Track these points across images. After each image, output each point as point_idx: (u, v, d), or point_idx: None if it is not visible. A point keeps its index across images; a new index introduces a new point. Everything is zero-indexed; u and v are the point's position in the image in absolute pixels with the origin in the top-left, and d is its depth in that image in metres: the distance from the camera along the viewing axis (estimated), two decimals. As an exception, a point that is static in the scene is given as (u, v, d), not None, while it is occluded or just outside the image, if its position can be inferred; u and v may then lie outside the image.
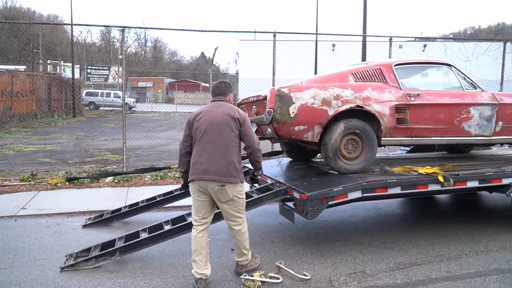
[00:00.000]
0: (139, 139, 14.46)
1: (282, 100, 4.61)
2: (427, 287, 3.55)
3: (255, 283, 3.53)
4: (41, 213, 6.08)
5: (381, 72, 5.14)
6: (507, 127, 5.50)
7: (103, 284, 3.65)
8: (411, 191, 4.59)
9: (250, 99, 5.52)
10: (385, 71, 5.15)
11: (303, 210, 4.23)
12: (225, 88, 3.76)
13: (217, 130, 3.49)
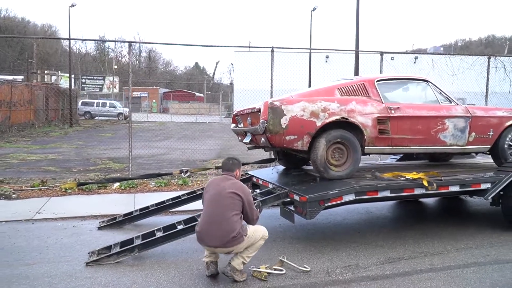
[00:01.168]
0: (138, 149, 14.85)
1: (274, 112, 5.06)
2: (412, 277, 4.05)
3: (262, 273, 4.01)
4: (56, 217, 6.50)
5: (364, 87, 5.64)
6: (480, 137, 6.01)
7: (126, 276, 4.10)
8: (399, 194, 5.12)
9: (246, 111, 5.98)
10: (368, 86, 5.65)
11: (302, 211, 4.74)
12: (233, 164, 4.22)
13: (220, 202, 3.88)
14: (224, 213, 3.82)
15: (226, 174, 4.14)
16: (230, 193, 3.88)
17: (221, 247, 3.83)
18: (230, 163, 4.21)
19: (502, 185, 5.41)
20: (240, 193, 3.92)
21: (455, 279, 4.02)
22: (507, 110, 6.31)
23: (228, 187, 3.93)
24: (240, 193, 3.92)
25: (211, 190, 4.01)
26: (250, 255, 3.98)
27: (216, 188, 3.98)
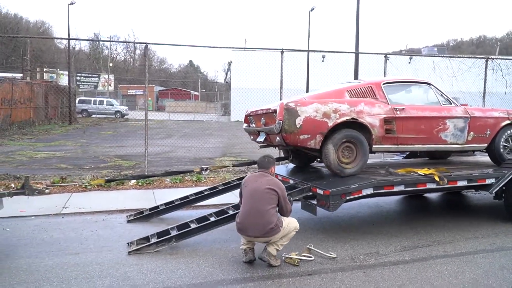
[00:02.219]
0: (142, 147, 15.21)
1: (289, 113, 5.42)
2: (429, 262, 4.49)
3: (293, 259, 4.43)
4: (83, 211, 6.84)
5: (372, 90, 6.03)
6: (478, 137, 6.43)
7: (169, 262, 4.49)
8: (412, 188, 5.56)
9: (259, 112, 6.34)
10: (375, 89, 6.04)
11: (325, 204, 5.15)
12: (268, 162, 4.61)
13: (258, 197, 4.27)
14: (262, 207, 4.22)
15: (262, 171, 4.53)
16: (268, 189, 4.27)
17: (260, 237, 4.23)
18: (266, 161, 4.59)
19: (505, 180, 5.87)
20: (276, 189, 4.31)
21: (467, 263, 4.47)
22: (503, 111, 6.74)
23: (266, 183, 4.32)
24: (276, 189, 4.32)
25: (249, 185, 4.39)
26: (284, 243, 4.39)
27: (254, 184, 4.36)
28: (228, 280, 4.03)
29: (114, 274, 4.17)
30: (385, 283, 3.94)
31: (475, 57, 11.72)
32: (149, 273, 4.18)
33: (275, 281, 4.00)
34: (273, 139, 5.89)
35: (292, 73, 26.86)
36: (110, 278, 4.07)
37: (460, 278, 4.09)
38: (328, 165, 5.64)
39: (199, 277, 4.10)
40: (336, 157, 5.58)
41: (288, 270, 4.26)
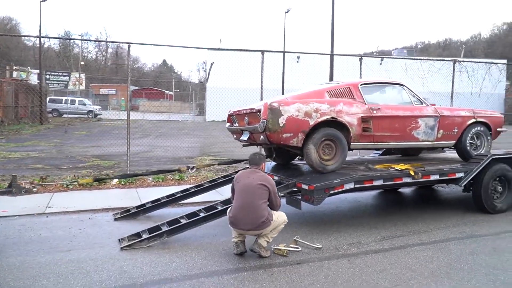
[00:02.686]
0: (120, 146, 15.15)
1: (273, 113, 5.67)
2: (407, 249, 4.85)
3: (282, 250, 4.68)
4: (67, 211, 6.87)
5: (349, 90, 6.35)
6: (447, 134, 6.86)
7: (163, 256, 4.66)
8: (390, 183, 5.91)
9: (242, 112, 6.55)
10: (353, 89, 6.36)
11: (310, 199, 5.42)
12: (259, 159, 4.84)
13: (251, 192, 4.50)
14: (255, 202, 4.45)
15: (253, 168, 4.76)
16: (260, 185, 4.50)
17: (252, 230, 4.46)
18: (257, 158, 4.82)
19: (473, 174, 6.32)
20: (267, 185, 4.56)
21: (441, 250, 4.84)
22: (469, 110, 7.20)
23: (258, 179, 4.56)
24: (268, 185, 4.56)
25: (242, 181, 4.61)
26: (274, 235, 4.64)
27: (246, 180, 4.59)
28: (222, 270, 4.24)
29: (110, 268, 4.31)
30: (368, 269, 4.24)
31: (444, 60, 12.31)
32: (144, 267, 4.34)
33: (266, 270, 4.24)
34: (257, 138, 6.11)
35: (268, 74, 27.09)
36: (107, 272, 4.21)
37: (435, 263, 4.44)
38: (310, 163, 5.91)
39: (194, 268, 4.30)
40: (317, 155, 5.85)
41: (278, 260, 4.51)
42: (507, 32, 69.03)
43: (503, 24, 73.99)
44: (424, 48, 79.87)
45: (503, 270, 4.25)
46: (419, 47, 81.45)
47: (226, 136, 23.27)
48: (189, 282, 3.96)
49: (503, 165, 6.57)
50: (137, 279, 4.02)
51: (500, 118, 7.56)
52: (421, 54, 57.06)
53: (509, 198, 6.62)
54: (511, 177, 6.60)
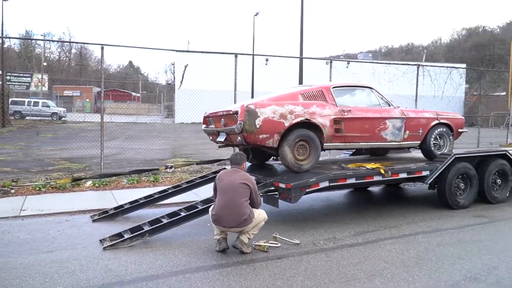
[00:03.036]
0: (89, 149, 14.95)
1: (250, 115, 5.87)
2: (379, 243, 5.16)
3: (262, 246, 4.89)
4: (43, 213, 6.81)
5: (322, 93, 6.63)
6: (412, 135, 7.24)
7: (146, 255, 4.76)
8: (362, 181, 6.23)
9: (219, 113, 6.71)
10: (325, 92, 6.65)
11: (287, 197, 5.66)
12: (240, 159, 5.02)
13: (233, 191, 4.68)
14: (237, 200, 4.63)
15: (235, 167, 4.93)
16: (242, 183, 4.69)
17: (235, 227, 4.64)
18: (238, 158, 5.00)
19: (437, 172, 6.74)
20: (249, 183, 4.75)
21: (410, 242, 5.19)
22: (432, 112, 7.65)
23: (240, 178, 4.74)
24: (249, 183, 4.75)
25: (224, 180, 4.77)
26: (255, 232, 4.83)
27: (229, 179, 4.76)
28: (207, 266, 4.40)
29: (95, 267, 4.38)
30: (345, 262, 4.51)
31: (408, 64, 12.91)
32: (129, 265, 4.43)
33: (249, 265, 4.43)
34: (234, 139, 6.28)
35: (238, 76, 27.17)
36: (92, 271, 4.27)
37: (406, 254, 4.77)
38: (286, 163, 6.12)
39: (179, 265, 4.43)
40: (293, 155, 6.08)
41: (259, 256, 4.70)
42: (466, 37, 72.29)
43: (462, 30, 77.51)
44: (388, 52, 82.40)
45: (467, 259, 4.61)
46: (383, 51, 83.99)
47: (197, 138, 23.35)
48: (175, 278, 4.09)
49: (465, 163, 7.03)
50: (124, 277, 4.11)
51: (461, 119, 8.06)
52: (385, 58, 58.90)
53: (471, 194, 7.09)
54: (472, 175, 7.07)
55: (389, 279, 4.06)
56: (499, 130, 30.79)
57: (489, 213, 6.75)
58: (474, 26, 75.63)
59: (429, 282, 3.99)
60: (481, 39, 65.72)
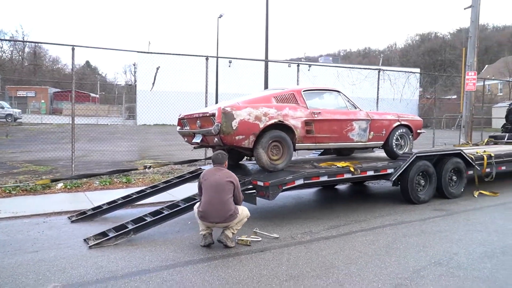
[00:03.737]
0: (51, 151, 14.66)
1: (226, 117, 6.14)
2: (352, 235, 5.58)
3: (245, 241, 5.18)
4: (18, 215, 6.76)
5: (294, 96, 6.99)
6: (377, 135, 7.73)
7: (134, 252, 4.93)
8: (333, 178, 6.65)
9: (195, 115, 6.91)
10: (296, 95, 7.01)
11: (265, 194, 5.98)
12: (222, 158, 5.28)
13: (219, 188, 4.95)
14: (223, 197, 4.90)
15: (218, 166, 5.19)
16: (226, 181, 4.96)
17: (221, 223, 4.90)
18: (220, 157, 5.26)
19: (401, 170, 7.28)
20: (233, 181, 5.02)
21: (379, 234, 5.64)
22: (394, 114, 8.20)
23: (224, 176, 5.01)
24: (233, 181, 5.03)
25: (209, 179, 5.02)
26: (238, 228, 5.12)
27: (213, 177, 5.01)
28: (195, 260, 4.63)
29: (85, 265, 4.51)
30: (323, 252, 4.88)
31: (370, 68, 13.60)
32: (119, 262, 4.59)
33: (235, 258, 4.71)
34: (211, 140, 6.51)
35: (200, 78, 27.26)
36: (83, 268, 4.41)
37: (376, 244, 5.20)
38: (261, 164, 6.41)
39: (168, 260, 4.64)
40: (267, 156, 6.40)
41: (243, 249, 4.99)
42: (419, 42, 75.73)
43: (416, 35, 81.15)
44: (346, 55, 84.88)
45: (431, 247, 5.10)
46: (342, 54, 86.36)
47: (162, 140, 23.30)
48: (167, 271, 4.31)
49: (425, 161, 7.63)
50: (116, 272, 4.28)
51: (420, 121, 8.68)
52: (344, 61, 60.66)
53: (430, 190, 7.69)
54: (431, 172, 7.68)
55: (364, 266, 4.47)
56: (450, 131, 32.65)
57: (446, 207, 7.37)
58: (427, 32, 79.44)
59: (399, 268, 4.42)
60: (433, 44, 69.13)
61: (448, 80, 33.84)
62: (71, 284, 3.98)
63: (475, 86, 13.12)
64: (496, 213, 6.90)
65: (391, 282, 4.03)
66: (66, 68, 73.88)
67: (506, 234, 5.67)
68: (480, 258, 4.72)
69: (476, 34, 13.34)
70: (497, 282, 4.07)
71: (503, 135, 12.86)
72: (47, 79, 58.72)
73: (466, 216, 6.68)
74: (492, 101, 38.06)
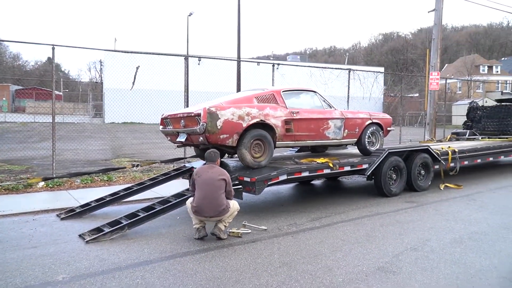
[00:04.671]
0: (22, 150, 14.50)
1: (211, 116, 6.43)
2: (333, 226, 6.03)
3: (236, 233, 5.52)
4: (5, 214, 6.81)
5: (274, 96, 7.36)
6: (350, 133, 8.22)
7: (132, 245, 5.17)
8: (314, 174, 7.09)
9: (179, 115, 7.15)
10: (276, 95, 7.39)
11: (251, 189, 6.33)
12: (215, 156, 5.57)
13: (212, 184, 5.27)
14: (216, 192, 5.22)
15: (210, 164, 5.50)
16: (219, 178, 5.28)
17: (214, 217, 5.22)
18: (212, 155, 5.56)
19: (375, 165, 7.82)
20: (225, 177, 5.35)
21: (359, 224, 6.12)
22: (366, 113, 8.73)
23: (217, 173, 5.33)
24: (225, 177, 5.36)
25: (203, 175, 5.32)
26: (229, 221, 5.45)
27: (207, 174, 5.31)
28: (192, 251, 4.93)
29: (87, 258, 4.72)
30: (309, 241, 5.29)
31: (341, 68, 14.18)
32: (120, 254, 4.83)
33: (229, 248, 5.05)
34: (195, 139, 6.77)
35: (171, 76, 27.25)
36: (86, 261, 4.62)
37: (357, 233, 5.67)
38: (244, 161, 6.71)
39: (166, 252, 4.92)
40: (250, 154, 6.74)
41: (235, 241, 5.33)
42: (382, 42, 78.03)
43: (379, 35, 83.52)
44: (312, 53, 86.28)
45: (406, 235, 5.62)
46: (308, 52, 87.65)
47: (133, 139, 23.19)
48: (167, 262, 4.59)
49: (397, 157, 8.21)
50: (119, 264, 4.52)
51: (389, 119, 9.26)
52: (310, 60, 61.74)
53: (401, 184, 8.28)
54: (402, 167, 8.27)
55: (348, 252, 4.91)
56: (414, 128, 34.11)
57: (416, 199, 7.98)
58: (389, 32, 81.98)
59: (379, 253, 4.89)
60: (396, 44, 71.45)
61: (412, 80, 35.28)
62: (79, 275, 4.20)
63: (438, 85, 13.97)
64: (462, 204, 7.56)
65: (374, 265, 4.48)
66: (27, 64, 71.41)
67: (472, 223, 6.29)
68: (450, 244, 5.27)
69: (439, 36, 14.18)
70: (466, 263, 4.60)
71: (464, 132, 13.80)
72: (8, 76, 56.54)
73: (435, 207, 7.29)
74: (452, 99, 39.98)
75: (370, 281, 4.07)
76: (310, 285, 3.97)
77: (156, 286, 3.95)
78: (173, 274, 4.23)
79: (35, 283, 4.02)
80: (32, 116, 35.60)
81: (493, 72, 59.39)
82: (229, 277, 4.16)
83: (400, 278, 4.17)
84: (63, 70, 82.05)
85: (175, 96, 21.72)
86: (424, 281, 4.10)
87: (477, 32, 76.77)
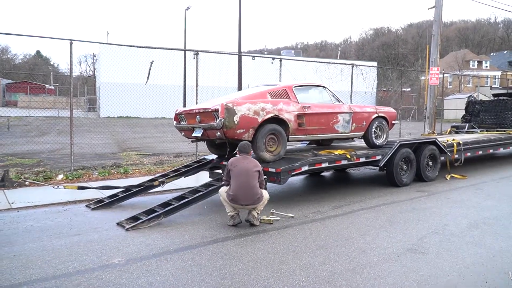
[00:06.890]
0: (26, 144, 14.62)
1: (229, 112, 6.67)
2: (355, 213, 6.40)
3: (267, 220, 5.86)
4: (34, 205, 7.04)
5: (286, 92, 7.63)
6: (358, 127, 8.52)
7: (171, 232, 5.46)
8: (332, 165, 7.43)
9: (194, 111, 7.36)
10: (288, 91, 7.67)
11: (276, 179, 6.65)
12: (248, 148, 5.89)
13: (248, 174, 5.59)
14: (251, 182, 5.55)
15: (244, 155, 5.80)
16: (254, 169, 5.60)
17: (250, 205, 5.55)
18: (246, 146, 5.87)
19: (388, 156, 8.20)
20: (259, 168, 5.68)
21: (379, 212, 6.50)
22: (372, 107, 9.07)
23: (252, 163, 5.66)
24: (259, 168, 5.69)
25: (238, 166, 5.63)
26: (261, 209, 5.79)
27: (242, 164, 5.63)
28: (231, 236, 5.25)
29: (134, 243, 5.00)
30: (337, 227, 5.65)
31: (345, 64, 14.54)
32: (163, 240, 5.13)
33: (265, 233, 5.38)
34: (212, 134, 6.95)
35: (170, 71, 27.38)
36: (134, 246, 4.90)
37: (380, 219, 6.05)
38: (260, 155, 6.89)
39: (206, 237, 5.23)
40: (265, 147, 7.01)
41: (268, 227, 5.66)
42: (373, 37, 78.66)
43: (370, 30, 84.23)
44: (304, 48, 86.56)
45: (425, 221, 6.01)
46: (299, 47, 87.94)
47: (133, 133, 23.33)
48: (211, 246, 4.90)
49: (407, 149, 8.61)
50: (167, 248, 4.82)
51: (394, 113, 9.62)
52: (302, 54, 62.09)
53: (411, 174, 8.69)
54: (412, 158, 8.67)
55: (376, 236, 5.28)
56: (408, 122, 34.75)
57: (426, 188, 8.39)
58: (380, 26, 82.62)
59: (404, 237, 5.26)
60: (386, 39, 72.10)
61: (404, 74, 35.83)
62: (132, 258, 4.49)
63: (438, 80, 14.42)
64: (470, 193, 8.00)
65: (403, 247, 4.86)
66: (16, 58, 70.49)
67: (483, 209, 6.71)
68: (467, 228, 5.67)
69: (439, 33, 14.60)
70: (486, 245, 5.00)
71: (463, 125, 14.30)
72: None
73: (445, 196, 7.71)
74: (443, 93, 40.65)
75: (403, 261, 4.44)
76: (349, 265, 4.32)
77: (207, 267, 4.26)
78: (221, 257, 4.55)
79: (94, 266, 4.30)
80: (26, 110, 35.36)
81: (483, 67, 60.45)
82: (273, 258, 4.49)
83: (429, 257, 4.54)
84: (52, 64, 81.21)
85: (171, 90, 21.87)
86: (452, 260, 4.48)
87: (466, 27, 77.90)
